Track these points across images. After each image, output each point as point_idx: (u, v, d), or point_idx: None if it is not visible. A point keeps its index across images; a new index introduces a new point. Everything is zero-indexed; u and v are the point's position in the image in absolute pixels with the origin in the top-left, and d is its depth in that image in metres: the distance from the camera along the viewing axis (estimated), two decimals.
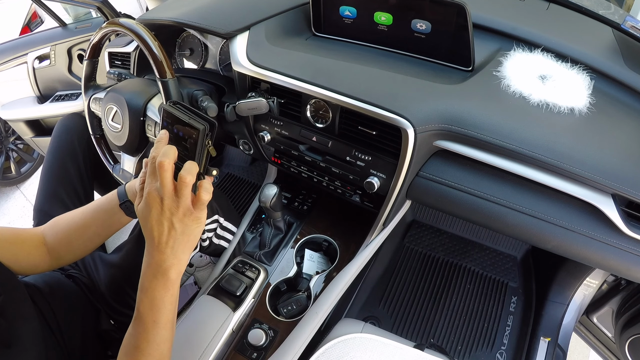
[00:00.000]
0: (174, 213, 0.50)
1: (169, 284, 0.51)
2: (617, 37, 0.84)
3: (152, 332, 0.51)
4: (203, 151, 0.52)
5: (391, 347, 0.67)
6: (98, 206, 0.66)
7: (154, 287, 0.51)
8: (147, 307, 0.51)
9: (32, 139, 1.83)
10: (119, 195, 0.65)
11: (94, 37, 0.88)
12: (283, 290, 0.89)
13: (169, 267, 0.51)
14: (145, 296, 0.51)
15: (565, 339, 1.05)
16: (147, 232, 0.51)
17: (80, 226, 0.66)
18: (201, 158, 0.52)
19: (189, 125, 0.51)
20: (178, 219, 0.50)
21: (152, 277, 0.51)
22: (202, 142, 0.51)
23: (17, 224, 2.11)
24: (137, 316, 0.52)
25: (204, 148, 0.52)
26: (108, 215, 0.66)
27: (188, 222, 0.51)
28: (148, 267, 0.51)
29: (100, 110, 0.92)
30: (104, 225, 0.66)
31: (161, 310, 0.51)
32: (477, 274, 1.22)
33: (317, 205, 1.04)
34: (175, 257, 0.51)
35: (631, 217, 0.62)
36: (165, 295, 0.51)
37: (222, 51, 1.06)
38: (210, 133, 0.51)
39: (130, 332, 0.52)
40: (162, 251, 0.50)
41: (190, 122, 0.51)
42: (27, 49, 1.65)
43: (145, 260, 0.52)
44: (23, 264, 0.63)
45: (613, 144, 0.63)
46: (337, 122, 0.75)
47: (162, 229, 0.50)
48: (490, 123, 0.63)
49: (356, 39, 0.84)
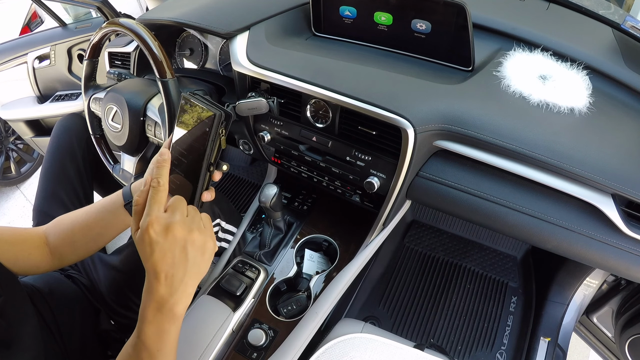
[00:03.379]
0: (188, 244, 0.45)
1: (175, 318, 0.47)
2: (617, 37, 0.84)
3: (157, 359, 0.47)
4: (216, 140, 0.51)
5: (391, 347, 0.67)
6: (102, 206, 0.65)
7: (158, 321, 0.46)
8: (151, 338, 0.47)
9: (32, 139, 1.83)
10: (124, 196, 0.64)
11: (94, 37, 0.88)
12: (283, 290, 0.89)
13: (176, 302, 0.46)
14: (149, 328, 0.46)
15: (565, 339, 1.05)
16: (150, 267, 0.45)
17: (84, 226, 0.65)
18: (214, 147, 0.51)
19: (205, 112, 0.50)
20: (194, 249, 0.46)
21: (157, 311, 0.46)
22: (216, 130, 0.50)
23: (17, 224, 2.11)
24: (138, 344, 0.47)
25: (218, 137, 0.51)
26: (112, 216, 0.65)
27: (201, 252, 0.47)
28: (151, 301, 0.46)
29: (100, 110, 0.92)
30: (108, 226, 0.65)
31: (167, 341, 0.47)
32: (477, 274, 1.22)
33: (317, 205, 1.04)
34: (184, 292, 0.46)
35: (631, 217, 0.62)
36: (171, 327, 0.47)
37: (222, 51, 1.06)
38: (226, 122, 0.50)
39: (131, 354, 0.48)
40: (169, 285, 0.45)
41: (207, 107, 0.50)
42: (27, 49, 1.65)
43: (146, 293, 0.46)
44: (23, 265, 0.62)
45: (613, 144, 0.63)
46: (337, 122, 0.75)
47: (172, 263, 0.45)
48: (490, 123, 0.63)
49: (356, 39, 0.84)
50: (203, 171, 0.53)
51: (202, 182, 0.54)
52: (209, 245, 0.48)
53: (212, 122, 0.50)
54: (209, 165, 0.53)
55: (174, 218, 0.46)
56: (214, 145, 0.52)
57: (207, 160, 0.53)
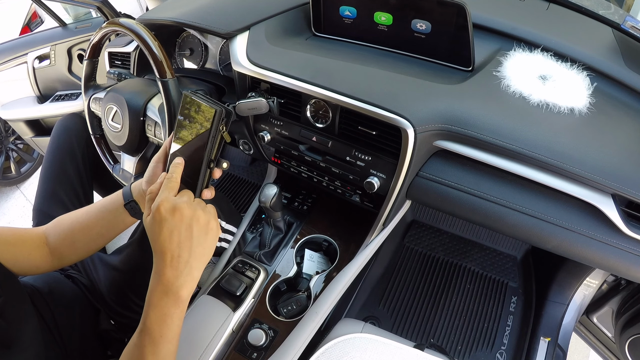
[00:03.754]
0: (193, 221, 0.49)
1: (180, 302, 0.49)
2: (617, 37, 0.84)
3: (160, 346, 0.49)
4: (217, 135, 0.53)
5: (391, 347, 0.67)
6: (102, 206, 0.66)
7: (163, 305, 0.49)
8: (155, 322, 0.49)
9: (32, 139, 1.83)
10: (124, 196, 0.64)
11: (94, 37, 0.88)
12: (283, 290, 0.89)
13: (181, 285, 0.49)
14: (154, 312, 0.49)
15: (565, 339, 1.05)
16: (159, 247, 0.49)
17: (85, 226, 0.65)
18: (214, 142, 0.53)
19: (206, 109, 0.52)
20: (198, 227, 0.49)
21: (163, 294, 0.48)
22: (216, 126, 0.52)
23: (17, 224, 2.11)
24: (143, 329, 0.50)
25: (218, 133, 0.53)
26: (112, 216, 0.65)
27: (205, 232, 0.50)
28: (158, 284, 0.49)
29: (100, 110, 0.92)
30: (108, 226, 0.66)
31: (170, 326, 0.49)
32: (477, 274, 1.22)
33: (317, 205, 1.04)
34: (189, 274, 0.49)
35: (631, 217, 0.62)
36: (175, 312, 0.49)
37: (222, 51, 1.06)
38: (226, 119, 0.53)
39: (135, 342, 0.51)
40: (175, 267, 0.48)
41: (208, 104, 0.52)
42: (27, 49, 1.65)
43: (154, 277, 0.49)
44: (23, 265, 0.62)
45: (613, 144, 0.63)
46: (337, 122, 0.75)
47: (178, 242, 0.48)
48: (490, 123, 0.63)
49: (356, 39, 0.84)
50: (203, 168, 0.54)
51: (202, 178, 0.55)
52: (212, 224, 0.52)
53: (212, 119, 0.52)
54: (209, 161, 0.54)
55: (182, 199, 0.50)
56: (214, 141, 0.53)
57: (207, 156, 0.54)
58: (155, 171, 0.61)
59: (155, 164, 0.61)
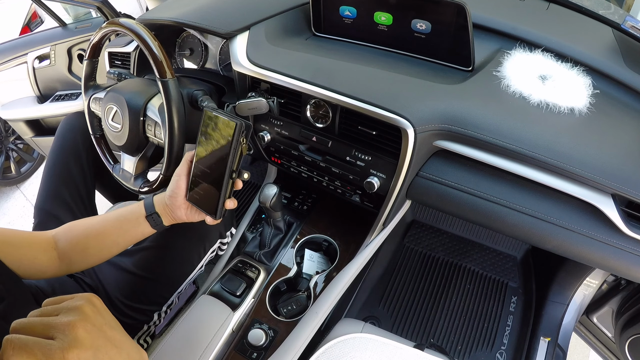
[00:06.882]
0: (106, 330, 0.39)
1: None
2: (617, 37, 0.84)
3: None
4: (238, 148, 0.55)
5: (391, 347, 0.67)
6: (121, 215, 0.66)
7: None
8: None
9: (32, 139, 1.83)
10: (146, 207, 0.65)
11: (94, 37, 0.88)
12: (283, 290, 0.89)
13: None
14: None
15: (565, 339, 1.05)
16: None
17: (100, 233, 0.65)
18: (235, 155, 0.56)
19: (227, 123, 0.55)
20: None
21: None
22: (237, 139, 0.55)
23: (17, 224, 2.11)
24: None
25: (239, 145, 0.55)
26: (132, 226, 0.65)
27: None
28: None
29: (100, 110, 0.92)
30: (125, 235, 0.66)
31: None
32: (477, 274, 1.22)
33: (317, 205, 1.04)
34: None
35: (631, 217, 0.62)
36: None
37: (222, 51, 1.06)
38: (246, 131, 0.55)
39: None
40: None
41: (228, 118, 0.55)
42: (27, 49, 1.65)
43: None
44: (28, 268, 0.61)
45: (613, 144, 0.63)
46: (337, 122, 0.75)
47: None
48: (490, 123, 0.63)
49: (356, 39, 0.84)
50: (226, 179, 0.57)
51: (225, 189, 0.58)
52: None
53: (233, 132, 0.54)
54: (232, 172, 0.57)
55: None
56: (235, 153, 0.56)
57: (229, 167, 0.57)
58: (179, 184, 0.62)
59: (179, 177, 0.63)
